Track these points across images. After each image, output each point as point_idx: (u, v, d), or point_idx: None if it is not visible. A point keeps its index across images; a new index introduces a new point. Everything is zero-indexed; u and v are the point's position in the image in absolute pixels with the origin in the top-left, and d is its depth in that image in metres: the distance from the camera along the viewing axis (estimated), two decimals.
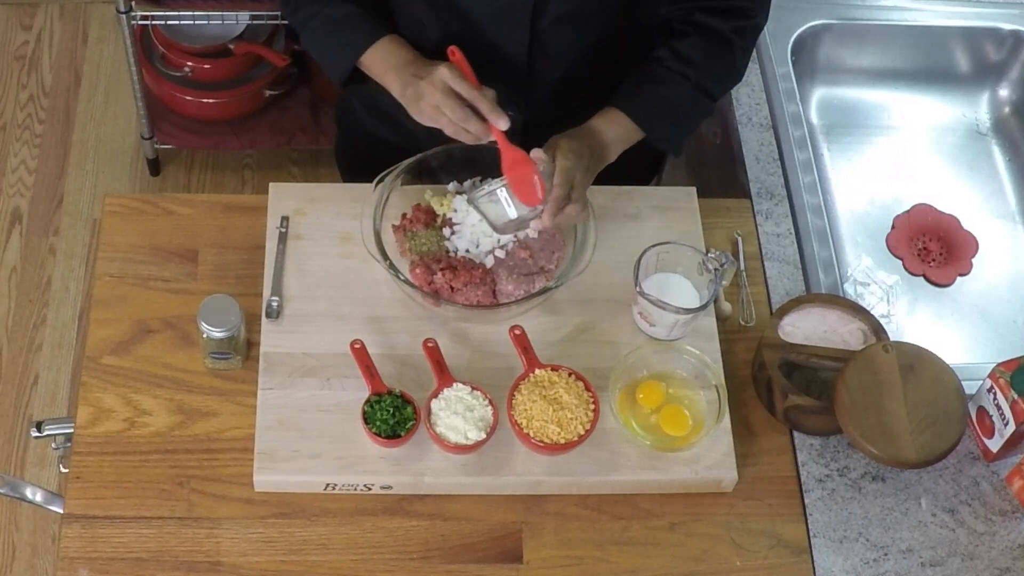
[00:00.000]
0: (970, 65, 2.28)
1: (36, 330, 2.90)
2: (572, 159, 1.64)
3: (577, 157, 1.65)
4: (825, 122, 2.24)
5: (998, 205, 2.17)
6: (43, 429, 1.77)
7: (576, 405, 1.63)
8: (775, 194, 1.96)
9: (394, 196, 1.78)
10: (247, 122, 3.03)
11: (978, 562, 1.64)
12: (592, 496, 1.66)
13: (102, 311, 1.76)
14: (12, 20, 3.40)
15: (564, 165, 1.64)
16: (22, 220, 3.06)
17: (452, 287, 1.71)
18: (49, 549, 2.61)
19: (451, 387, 1.65)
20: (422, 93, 1.64)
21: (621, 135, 1.74)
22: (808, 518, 1.66)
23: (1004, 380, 1.65)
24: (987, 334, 2.01)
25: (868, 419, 1.63)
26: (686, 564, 1.62)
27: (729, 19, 1.75)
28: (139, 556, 1.58)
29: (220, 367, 1.71)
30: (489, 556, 1.61)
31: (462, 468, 1.63)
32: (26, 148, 3.18)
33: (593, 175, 1.70)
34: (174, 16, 2.81)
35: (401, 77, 1.69)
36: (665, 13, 1.78)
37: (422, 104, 1.65)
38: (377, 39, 1.72)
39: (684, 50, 1.75)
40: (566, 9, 1.71)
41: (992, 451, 1.70)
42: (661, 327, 1.73)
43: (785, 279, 1.86)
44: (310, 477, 1.62)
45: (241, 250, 1.82)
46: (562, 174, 1.63)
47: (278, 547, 1.59)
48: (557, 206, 1.63)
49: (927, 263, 2.06)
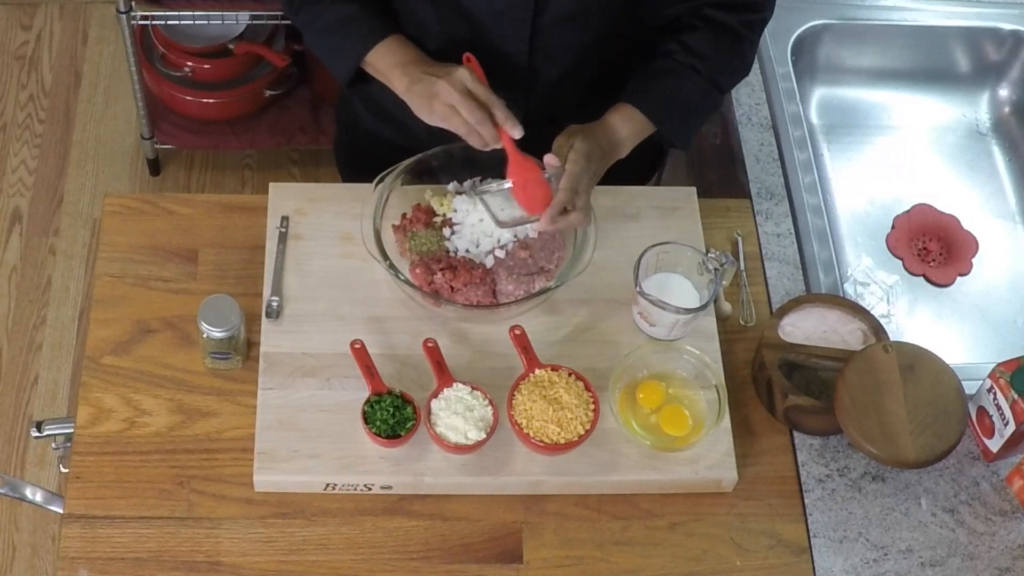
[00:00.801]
0: (970, 65, 2.28)
1: (36, 330, 2.90)
2: (582, 164, 1.64)
3: (587, 162, 1.65)
4: (825, 122, 2.24)
5: (998, 205, 2.17)
6: (43, 429, 1.77)
7: (576, 405, 1.63)
8: (775, 194, 1.96)
9: (394, 196, 1.78)
10: (247, 122, 3.03)
11: (978, 562, 1.64)
12: (592, 496, 1.66)
13: (102, 311, 1.76)
14: (12, 20, 3.40)
15: (572, 170, 1.64)
16: (22, 220, 3.06)
17: (452, 287, 1.71)
18: (49, 549, 2.61)
19: (451, 387, 1.65)
20: (437, 92, 1.64)
21: (634, 131, 1.74)
22: (808, 518, 1.66)
23: (1004, 380, 1.65)
24: (987, 334, 2.01)
25: (868, 419, 1.63)
26: (686, 564, 1.62)
27: (738, 13, 1.75)
28: (139, 556, 1.58)
29: (220, 367, 1.71)
30: (489, 556, 1.61)
31: (462, 468, 1.63)
32: (26, 148, 3.18)
33: (599, 177, 1.70)
34: (174, 16, 2.81)
35: (408, 74, 1.69)
36: (672, 13, 1.78)
37: (435, 103, 1.65)
38: (381, 38, 1.72)
39: (693, 43, 1.75)
40: (567, 8, 1.71)
41: (992, 451, 1.70)
42: (661, 327, 1.73)
43: (785, 279, 1.86)
44: (310, 477, 1.62)
45: (241, 250, 1.82)
46: (569, 179, 1.63)
47: (278, 547, 1.59)
48: (557, 211, 1.63)
49: (927, 263, 2.06)
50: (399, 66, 1.70)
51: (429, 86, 1.65)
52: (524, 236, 1.75)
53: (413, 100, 1.68)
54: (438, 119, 1.66)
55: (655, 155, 2.09)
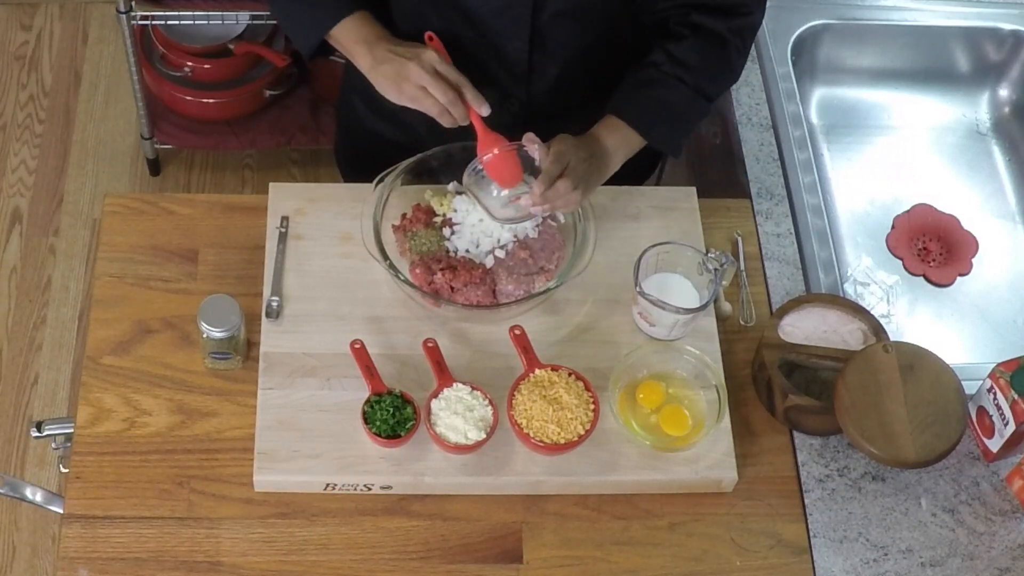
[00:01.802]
0: (970, 65, 2.28)
1: (36, 330, 2.90)
2: (567, 144, 1.67)
3: (573, 145, 1.67)
4: (825, 122, 2.24)
5: (998, 205, 2.17)
6: (43, 429, 1.77)
7: (576, 405, 1.63)
8: (775, 194, 1.96)
9: (394, 196, 1.78)
10: (247, 122, 3.03)
11: (978, 562, 1.64)
12: (592, 496, 1.66)
13: (102, 311, 1.76)
14: (12, 20, 3.40)
15: (558, 148, 1.66)
16: (22, 220, 3.06)
17: (452, 287, 1.71)
18: (49, 549, 2.61)
19: (451, 387, 1.65)
20: (408, 74, 1.66)
21: (622, 142, 1.75)
22: (808, 518, 1.66)
23: (1004, 380, 1.65)
24: (987, 334, 2.01)
25: (868, 419, 1.63)
26: (686, 564, 1.62)
27: (726, 18, 1.75)
28: (139, 556, 1.58)
29: (220, 367, 1.71)
30: (489, 556, 1.61)
31: (462, 468, 1.63)
32: (26, 148, 3.18)
33: (593, 168, 1.70)
34: (174, 16, 2.81)
35: (373, 52, 1.70)
36: (663, 10, 1.78)
37: (405, 84, 1.67)
38: (348, 13, 1.73)
39: (680, 53, 1.75)
40: (566, 5, 1.71)
41: (992, 451, 1.70)
42: (661, 327, 1.73)
43: (785, 279, 1.86)
44: (310, 477, 1.62)
45: (241, 250, 1.82)
46: (555, 155, 1.65)
47: (278, 547, 1.59)
48: (549, 179, 1.63)
49: (927, 263, 2.06)
50: (363, 42, 1.71)
51: (399, 67, 1.67)
52: (524, 236, 1.76)
53: (379, 79, 1.70)
54: (407, 99, 1.68)
55: (652, 156, 2.09)
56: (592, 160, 1.70)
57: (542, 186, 1.63)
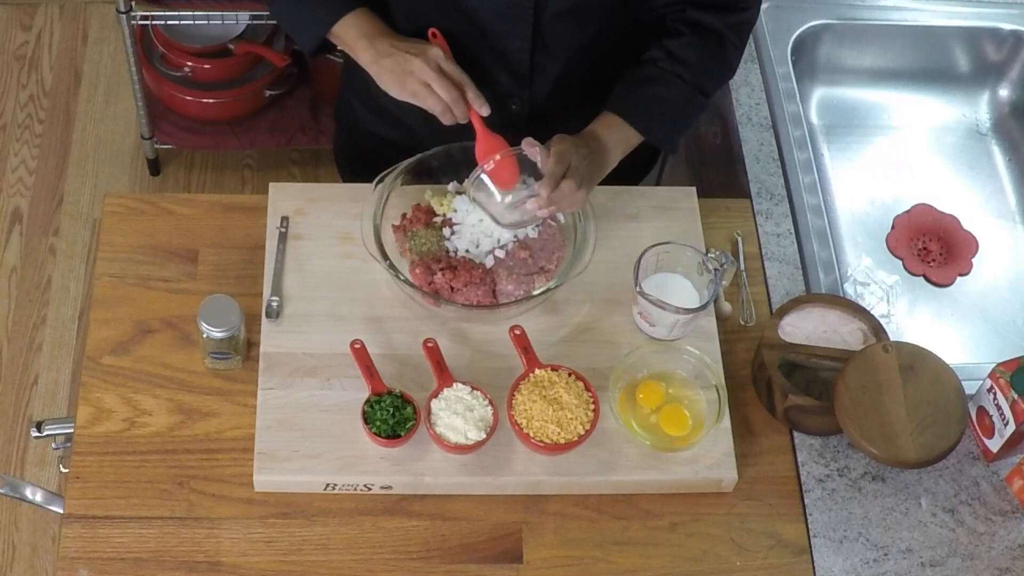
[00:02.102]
0: (970, 65, 2.28)
1: (36, 330, 2.90)
2: (567, 143, 1.67)
3: (573, 144, 1.67)
4: (825, 122, 2.24)
5: (998, 205, 2.17)
6: (43, 429, 1.77)
7: (576, 405, 1.63)
8: (775, 194, 1.96)
9: (394, 196, 1.78)
10: (247, 122, 3.03)
11: (978, 562, 1.64)
12: (592, 496, 1.66)
13: (102, 311, 1.76)
14: (12, 20, 3.40)
15: (559, 148, 1.66)
16: (22, 220, 3.06)
17: (452, 287, 1.71)
18: (49, 549, 2.61)
19: (451, 387, 1.65)
20: (412, 69, 1.66)
21: (620, 139, 1.75)
22: (808, 518, 1.66)
23: (1004, 380, 1.65)
24: (987, 334, 2.01)
25: (868, 419, 1.63)
26: (686, 564, 1.62)
27: (723, 14, 1.76)
28: (139, 556, 1.58)
29: (220, 367, 1.71)
30: (489, 556, 1.61)
31: (462, 468, 1.63)
32: (26, 148, 3.18)
33: (593, 165, 1.70)
34: (174, 16, 2.81)
35: (376, 46, 1.70)
36: (660, 7, 1.78)
37: (408, 80, 1.67)
38: (348, 10, 1.73)
39: (678, 50, 1.75)
40: (568, 4, 1.71)
41: (992, 451, 1.70)
42: (661, 327, 1.73)
43: (785, 279, 1.86)
44: (310, 477, 1.62)
45: (241, 250, 1.82)
46: (556, 155, 1.65)
47: (278, 547, 1.59)
48: (554, 181, 1.63)
49: (927, 263, 2.06)
50: (366, 37, 1.71)
51: (403, 62, 1.67)
52: (524, 236, 1.75)
53: (382, 74, 1.69)
54: (409, 95, 1.68)
55: (649, 153, 2.09)
56: (592, 157, 1.70)
57: (547, 188, 1.63)
